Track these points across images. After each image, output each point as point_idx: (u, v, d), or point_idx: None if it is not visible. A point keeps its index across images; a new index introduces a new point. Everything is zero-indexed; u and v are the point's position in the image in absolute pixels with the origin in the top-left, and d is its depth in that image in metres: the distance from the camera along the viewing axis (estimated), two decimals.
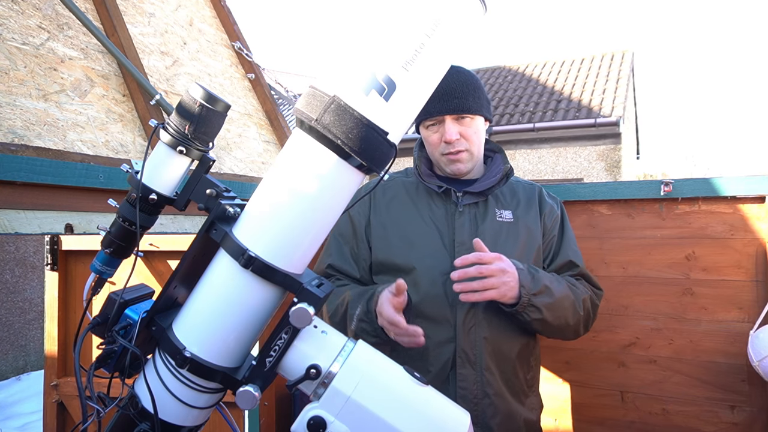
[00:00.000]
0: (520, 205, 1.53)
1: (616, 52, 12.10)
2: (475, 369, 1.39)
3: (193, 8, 3.52)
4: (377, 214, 1.54)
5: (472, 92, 1.45)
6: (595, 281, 1.57)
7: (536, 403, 1.54)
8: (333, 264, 1.56)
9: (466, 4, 0.82)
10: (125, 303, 0.92)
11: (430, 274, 1.43)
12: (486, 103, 1.50)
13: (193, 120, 0.87)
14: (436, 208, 1.50)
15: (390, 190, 1.57)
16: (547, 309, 1.34)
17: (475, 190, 1.49)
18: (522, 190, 1.59)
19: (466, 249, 1.42)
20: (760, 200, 1.94)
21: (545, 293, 1.34)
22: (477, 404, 1.39)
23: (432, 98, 1.41)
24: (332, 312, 1.48)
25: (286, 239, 0.83)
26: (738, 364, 1.95)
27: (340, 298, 1.46)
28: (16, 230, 1.68)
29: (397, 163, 1.16)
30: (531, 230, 1.50)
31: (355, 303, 1.40)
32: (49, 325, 2.19)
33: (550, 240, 1.54)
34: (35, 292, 6.43)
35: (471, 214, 1.48)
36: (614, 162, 9.81)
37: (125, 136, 2.47)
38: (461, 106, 1.43)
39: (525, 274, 1.33)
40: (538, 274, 1.37)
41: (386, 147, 0.82)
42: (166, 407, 0.85)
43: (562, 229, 1.58)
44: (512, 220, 1.50)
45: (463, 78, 1.46)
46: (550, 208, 1.57)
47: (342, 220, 1.60)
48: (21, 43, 2.20)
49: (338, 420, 0.79)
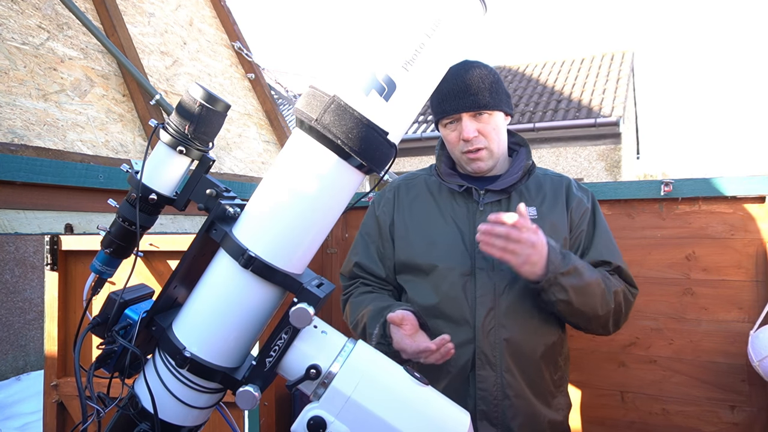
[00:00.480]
0: (546, 200, 1.48)
1: (616, 52, 12.10)
2: (494, 370, 1.37)
3: (193, 8, 3.52)
4: (400, 213, 1.54)
5: (489, 87, 1.41)
6: (630, 278, 1.48)
7: (563, 404, 1.49)
8: (360, 262, 1.56)
9: (466, 4, 0.82)
10: (125, 303, 0.92)
11: (450, 275, 1.41)
12: (505, 98, 1.46)
13: (193, 120, 0.87)
14: (457, 207, 1.48)
15: (414, 189, 1.56)
16: (575, 291, 1.29)
17: (496, 188, 1.45)
18: (549, 183, 1.52)
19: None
20: (760, 200, 1.94)
21: (573, 274, 1.29)
22: (497, 405, 1.37)
23: (448, 96, 1.42)
24: (353, 323, 1.49)
25: (286, 239, 0.83)
26: (738, 364, 1.95)
27: (360, 311, 1.45)
28: (16, 230, 1.67)
29: (397, 162, 1.15)
30: (555, 226, 1.43)
31: (372, 322, 1.39)
32: (49, 325, 2.19)
33: (578, 234, 1.47)
34: (35, 292, 6.42)
35: (493, 212, 1.43)
36: (614, 162, 9.81)
37: (125, 136, 2.47)
38: (477, 102, 1.39)
39: (555, 252, 1.28)
40: (570, 257, 1.31)
41: (386, 147, 0.82)
42: (166, 407, 0.85)
43: (594, 222, 1.50)
44: (536, 216, 1.44)
45: (480, 73, 1.42)
46: (578, 201, 1.49)
47: (368, 218, 1.61)
48: (21, 43, 2.20)
49: (338, 420, 0.79)
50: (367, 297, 1.51)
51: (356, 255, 1.58)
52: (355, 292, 1.56)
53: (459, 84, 1.40)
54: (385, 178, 2.15)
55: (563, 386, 1.50)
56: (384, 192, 1.63)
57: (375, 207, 1.61)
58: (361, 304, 1.49)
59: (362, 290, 1.55)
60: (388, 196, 1.59)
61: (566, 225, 1.46)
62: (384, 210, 1.57)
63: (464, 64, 1.45)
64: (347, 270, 1.61)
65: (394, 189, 1.60)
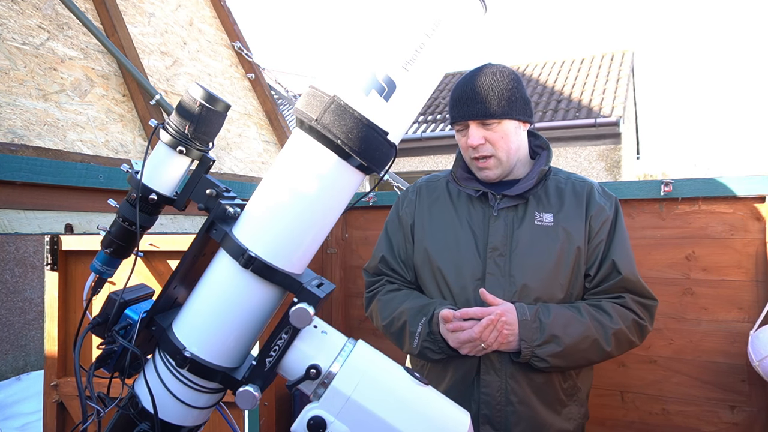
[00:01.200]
0: (564, 206, 1.43)
1: (616, 52, 12.09)
2: (499, 376, 1.37)
3: (193, 8, 3.51)
4: (420, 215, 1.54)
5: (499, 95, 1.37)
6: (643, 289, 1.42)
7: (577, 413, 1.44)
8: (386, 257, 1.56)
9: (466, 4, 0.82)
10: (125, 303, 0.92)
11: (461, 279, 1.41)
12: (519, 105, 1.41)
13: (193, 120, 0.87)
14: (474, 212, 1.47)
15: (435, 191, 1.56)
16: (555, 357, 1.30)
17: (511, 194, 1.42)
18: (570, 189, 1.47)
19: (498, 255, 1.39)
20: (760, 200, 1.94)
21: (552, 343, 1.29)
22: (500, 411, 1.36)
23: (457, 102, 1.42)
24: (387, 322, 1.47)
25: (286, 239, 0.83)
26: (738, 364, 1.95)
27: (396, 310, 1.45)
28: (16, 230, 1.67)
29: (397, 162, 1.13)
30: (570, 234, 1.39)
31: (414, 320, 1.39)
32: (49, 325, 2.19)
33: (597, 245, 1.41)
34: (35, 292, 6.42)
35: (507, 218, 1.43)
36: (614, 162, 9.81)
37: (125, 136, 2.47)
38: (484, 111, 1.37)
39: (528, 326, 1.29)
40: (547, 321, 1.30)
41: (386, 147, 0.82)
42: (166, 407, 0.85)
43: (613, 231, 1.43)
44: (552, 224, 1.41)
45: (492, 80, 1.39)
46: (599, 209, 1.43)
47: (392, 217, 1.61)
48: (21, 43, 2.20)
49: (338, 420, 0.79)
50: (397, 295, 1.50)
51: (381, 250, 1.58)
52: (382, 290, 1.55)
53: (468, 91, 1.39)
54: (385, 178, 2.15)
55: (577, 395, 1.45)
56: (407, 192, 1.62)
57: (398, 206, 1.61)
58: (392, 302, 1.48)
59: (389, 288, 1.54)
60: (410, 197, 1.59)
61: (583, 234, 1.41)
62: (406, 211, 1.57)
63: (481, 69, 1.43)
64: (372, 266, 1.61)
65: (416, 190, 1.60)
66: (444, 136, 10.53)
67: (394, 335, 1.47)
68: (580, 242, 1.40)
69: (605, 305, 1.38)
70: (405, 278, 1.55)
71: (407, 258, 1.54)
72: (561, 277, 1.39)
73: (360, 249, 2.72)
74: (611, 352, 1.36)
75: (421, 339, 1.37)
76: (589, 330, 1.32)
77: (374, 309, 1.54)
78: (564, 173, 1.54)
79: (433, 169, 10.88)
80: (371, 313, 1.57)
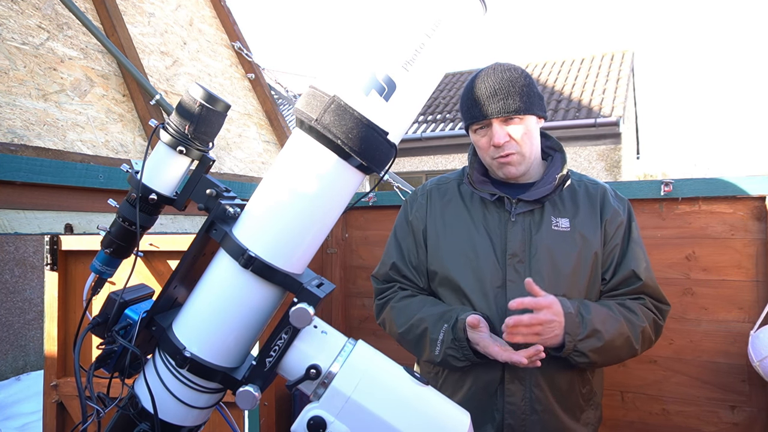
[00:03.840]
0: (579, 211, 1.42)
1: (616, 52, 12.10)
2: (523, 384, 1.35)
3: (193, 8, 3.51)
4: (433, 220, 1.50)
5: (520, 91, 1.35)
6: (659, 294, 1.43)
7: (593, 417, 1.45)
8: (397, 264, 1.52)
9: (466, 4, 0.82)
10: (125, 303, 0.92)
11: (481, 287, 1.38)
12: (537, 101, 1.39)
13: (193, 120, 0.87)
14: (489, 216, 1.43)
15: (446, 194, 1.52)
16: (595, 353, 1.29)
17: (529, 199, 1.39)
18: (584, 192, 1.45)
19: (517, 261, 1.37)
20: (760, 200, 1.94)
21: (594, 337, 1.28)
22: (524, 420, 1.35)
23: (477, 101, 1.38)
24: (404, 330, 1.44)
25: (286, 239, 0.83)
26: (738, 364, 1.95)
27: (414, 317, 1.42)
28: (15, 230, 1.67)
29: (397, 162, 1.13)
30: (587, 239, 1.38)
31: (435, 327, 1.37)
32: (48, 325, 2.19)
33: (612, 249, 1.41)
34: (35, 292, 6.42)
35: (525, 223, 1.40)
36: (614, 162, 9.81)
37: (125, 136, 2.47)
38: (507, 107, 1.34)
39: (572, 319, 1.27)
40: (589, 317, 1.29)
41: (386, 147, 0.82)
42: (166, 407, 0.85)
43: (629, 235, 1.43)
44: (568, 229, 1.39)
45: (510, 76, 1.37)
46: (614, 213, 1.42)
47: (400, 222, 1.56)
48: (21, 43, 2.20)
49: (338, 420, 0.79)
50: (413, 301, 1.47)
51: (392, 257, 1.54)
52: (395, 297, 1.51)
53: (488, 88, 1.35)
54: (385, 178, 2.14)
55: (593, 400, 1.46)
56: (416, 195, 1.58)
57: (407, 211, 1.56)
58: (407, 309, 1.45)
59: (403, 294, 1.50)
60: (420, 201, 1.54)
61: (599, 238, 1.40)
62: (417, 215, 1.52)
63: (494, 67, 1.40)
64: (382, 273, 1.56)
65: (426, 193, 1.55)
66: (444, 136, 10.54)
67: (412, 343, 1.43)
68: (597, 247, 1.39)
69: (631, 304, 1.38)
70: (417, 285, 1.51)
71: (419, 264, 1.51)
72: (579, 282, 1.37)
73: (360, 249, 2.72)
74: (638, 349, 1.37)
75: (445, 346, 1.34)
76: (623, 327, 1.33)
77: (387, 316, 1.50)
78: (576, 175, 1.51)
79: (433, 169, 10.88)
80: (383, 320, 1.53)
